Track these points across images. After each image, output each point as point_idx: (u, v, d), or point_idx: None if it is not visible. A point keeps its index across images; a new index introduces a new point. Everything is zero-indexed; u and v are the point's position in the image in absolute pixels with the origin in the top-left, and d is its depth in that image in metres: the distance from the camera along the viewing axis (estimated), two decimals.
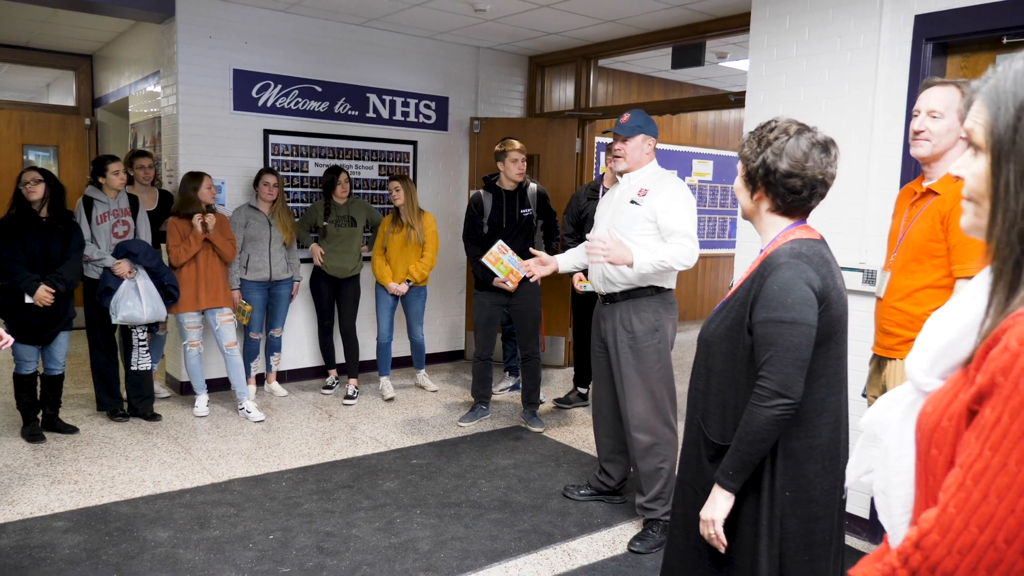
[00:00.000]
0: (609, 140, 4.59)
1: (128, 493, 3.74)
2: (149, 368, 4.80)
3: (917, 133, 2.45)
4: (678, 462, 2.09)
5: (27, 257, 4.11)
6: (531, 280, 3.60)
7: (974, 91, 0.93)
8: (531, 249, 3.69)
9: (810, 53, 3.59)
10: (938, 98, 2.43)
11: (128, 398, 4.86)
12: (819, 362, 1.83)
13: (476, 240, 4.73)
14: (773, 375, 1.76)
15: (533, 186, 4.72)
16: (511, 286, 4.48)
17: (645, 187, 3.28)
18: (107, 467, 4.06)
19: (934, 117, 2.42)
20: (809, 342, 1.77)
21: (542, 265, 3.50)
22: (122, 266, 4.48)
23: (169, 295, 4.62)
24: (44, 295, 4.10)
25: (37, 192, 4.12)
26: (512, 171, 4.60)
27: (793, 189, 1.82)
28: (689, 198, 3.23)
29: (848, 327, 1.92)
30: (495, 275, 4.52)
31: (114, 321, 4.51)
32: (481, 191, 4.75)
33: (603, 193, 4.78)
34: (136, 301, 4.48)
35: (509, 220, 4.64)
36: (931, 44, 3.14)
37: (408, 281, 5.18)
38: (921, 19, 3.16)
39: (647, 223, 3.23)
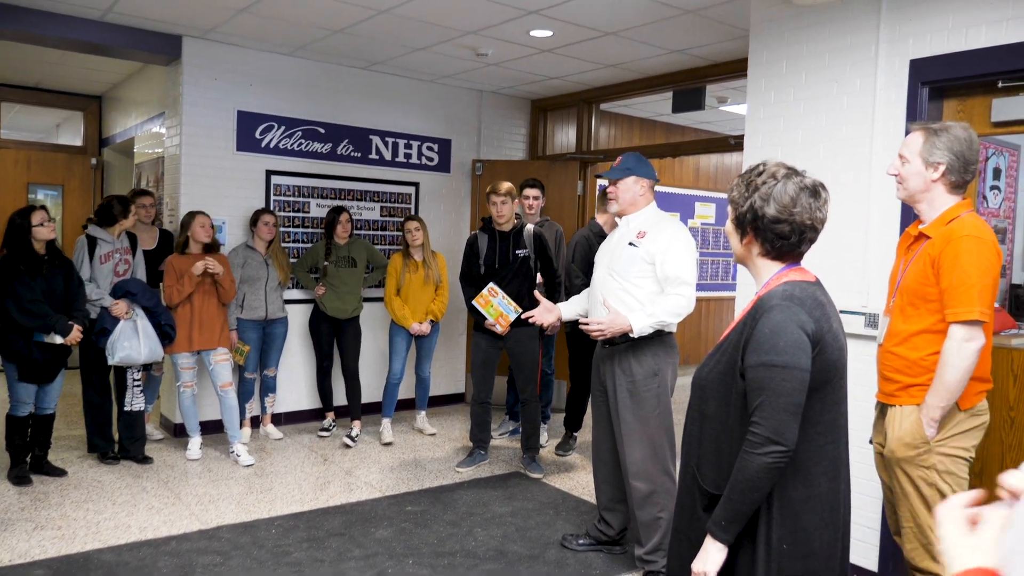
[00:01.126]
0: (605, 183, 4.57)
1: (113, 540, 3.65)
2: (143, 409, 4.75)
3: (894, 176, 2.48)
4: (674, 512, 2.03)
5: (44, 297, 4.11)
6: (529, 322, 3.57)
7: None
8: (536, 293, 3.66)
9: (807, 97, 3.61)
10: (906, 142, 2.44)
11: (120, 439, 4.81)
12: (815, 408, 1.78)
13: (472, 280, 4.72)
14: (765, 421, 1.71)
15: (529, 227, 4.70)
16: (500, 329, 4.44)
17: (644, 229, 3.27)
18: (93, 512, 3.99)
19: (903, 161, 2.43)
20: (802, 387, 1.73)
21: (547, 312, 3.47)
22: (120, 306, 4.47)
23: (166, 335, 4.59)
24: (77, 335, 4.12)
25: (51, 232, 4.14)
26: (495, 213, 4.60)
27: (781, 234, 1.80)
28: (688, 242, 3.21)
29: (847, 372, 1.87)
30: (485, 318, 4.49)
31: (111, 362, 4.47)
32: (478, 232, 4.76)
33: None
34: (134, 341, 4.45)
35: (503, 261, 4.62)
36: (927, 88, 3.15)
37: (431, 321, 5.23)
38: (916, 64, 3.17)
39: (645, 265, 3.20)
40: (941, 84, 3.11)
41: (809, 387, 1.74)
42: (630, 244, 3.25)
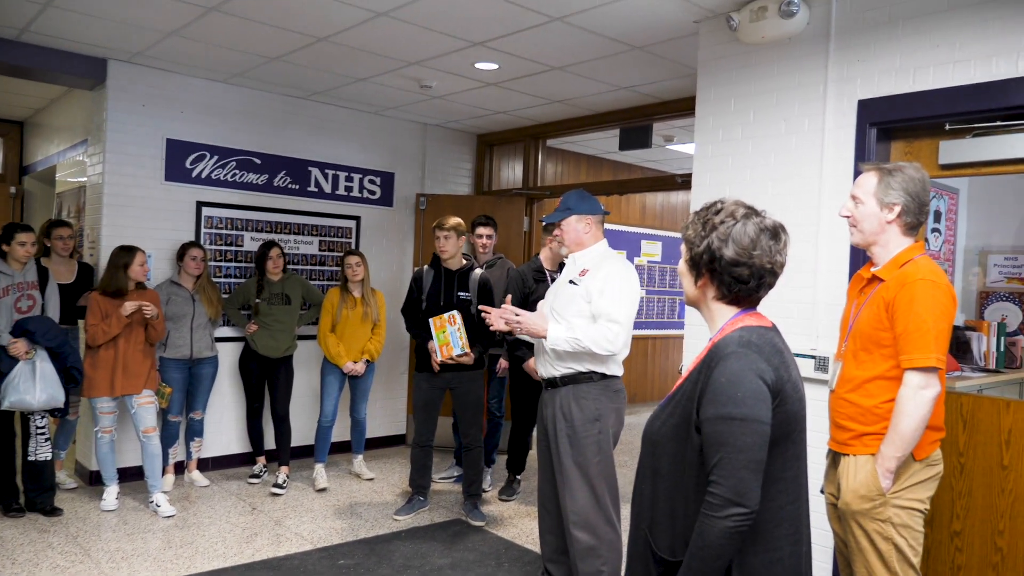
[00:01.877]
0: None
1: None
2: (48, 458, 4.40)
3: (846, 219, 2.44)
4: None
5: None
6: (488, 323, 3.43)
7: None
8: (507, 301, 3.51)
9: (755, 136, 3.59)
10: (858, 182, 2.40)
11: (25, 490, 4.44)
12: (775, 464, 1.68)
13: (413, 313, 4.64)
14: (724, 480, 1.60)
15: (477, 272, 4.61)
16: (436, 358, 4.33)
17: (587, 267, 3.24)
18: None
19: (856, 202, 2.40)
20: (763, 441, 1.63)
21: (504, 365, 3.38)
22: (18, 346, 4.15)
23: (72, 378, 4.27)
24: None
25: None
26: (438, 247, 4.51)
27: (740, 278, 1.71)
28: (627, 280, 3.16)
29: (807, 422, 1.77)
30: (429, 339, 4.39)
31: (2, 407, 4.13)
32: (426, 267, 4.68)
33: (549, 275, 4.75)
34: (29, 385, 4.12)
35: (447, 300, 4.51)
36: (875, 129, 3.14)
37: (366, 360, 5.15)
38: (864, 104, 3.17)
39: (583, 303, 3.16)
40: (889, 125, 3.11)
41: (769, 441, 1.63)
42: (570, 282, 3.24)
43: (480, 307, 3.47)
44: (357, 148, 6.14)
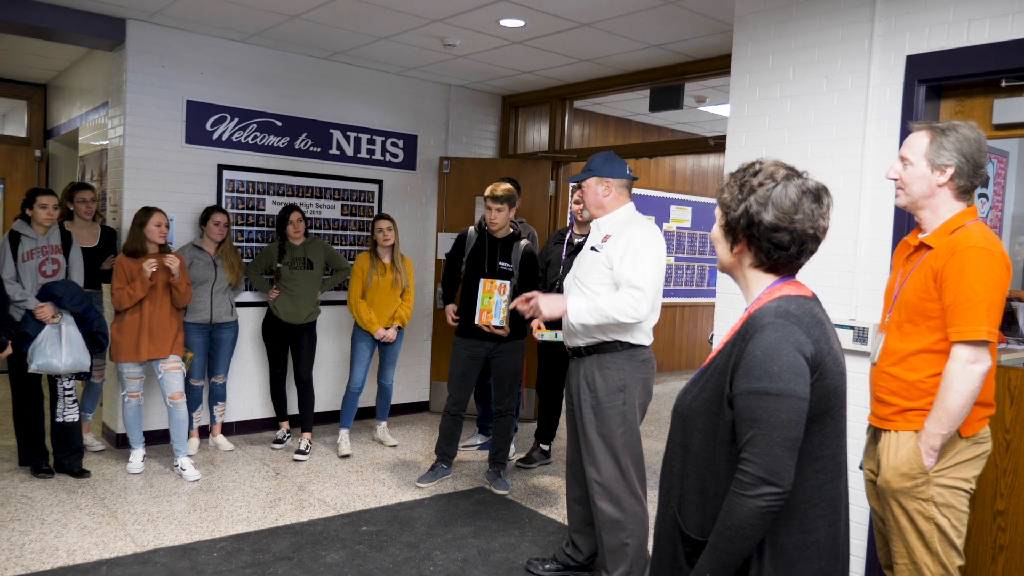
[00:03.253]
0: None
1: (36, 565, 3.36)
2: (76, 420, 4.44)
3: (893, 181, 2.30)
4: (651, 561, 1.82)
5: None
6: (501, 333, 3.41)
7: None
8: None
9: (795, 94, 3.46)
10: (908, 143, 2.26)
11: (54, 452, 4.50)
12: (813, 442, 1.61)
13: (452, 280, 4.74)
14: (757, 458, 1.54)
15: (523, 243, 4.56)
16: (476, 320, 4.33)
17: (610, 233, 3.17)
18: (19, 533, 3.68)
19: (905, 163, 2.25)
20: (800, 418, 1.56)
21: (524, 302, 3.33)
22: (45, 310, 4.16)
23: (97, 343, 4.28)
24: (7, 350, 3.86)
25: None
26: (488, 218, 4.49)
27: (780, 244, 1.63)
28: (650, 244, 3.08)
29: (847, 397, 1.68)
30: (476, 300, 4.42)
31: (29, 369, 4.17)
32: (472, 229, 4.70)
33: (572, 238, 4.73)
34: (56, 348, 4.14)
35: (491, 267, 4.51)
36: (924, 87, 2.98)
37: (397, 327, 5.18)
38: (913, 60, 3.00)
39: (604, 270, 3.11)
40: (939, 82, 2.95)
41: (807, 418, 1.56)
42: (593, 248, 3.18)
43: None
44: (380, 110, 6.07)
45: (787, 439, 1.53)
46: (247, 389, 5.58)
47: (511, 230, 4.57)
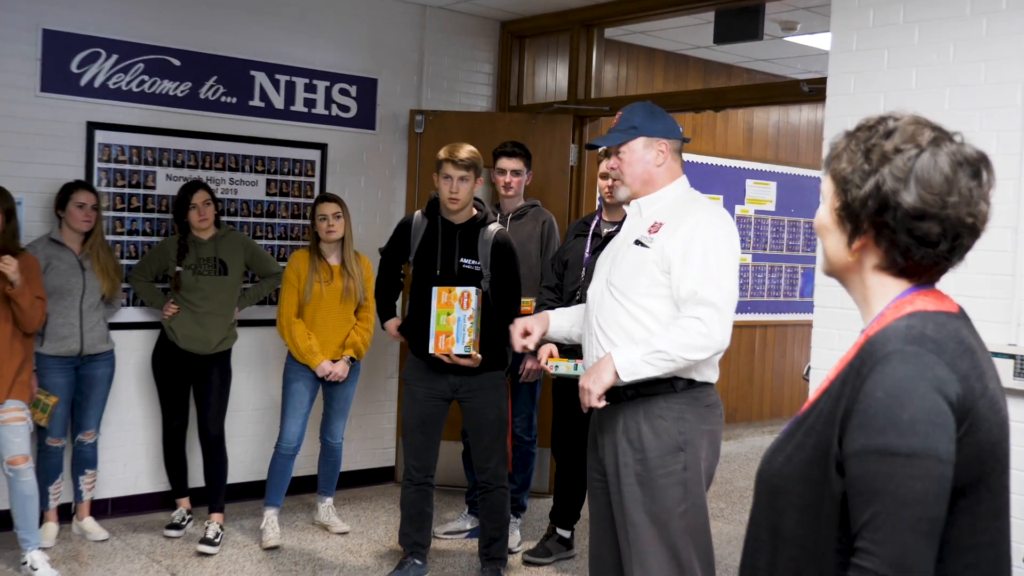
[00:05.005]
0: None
1: None
2: None
3: None
4: None
5: None
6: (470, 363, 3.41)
7: None
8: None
9: (925, 18, 3.52)
10: None
11: None
12: (961, 525, 1.63)
13: (390, 288, 4.80)
14: (880, 548, 1.55)
15: (493, 228, 4.56)
16: (432, 349, 4.36)
17: (660, 219, 3.19)
18: None
19: None
20: (941, 489, 1.58)
21: (525, 328, 3.38)
22: None
23: None
24: None
25: None
26: (445, 192, 4.49)
27: (925, 238, 1.65)
28: (727, 238, 3.15)
29: (1009, 458, 1.72)
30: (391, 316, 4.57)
31: None
32: (418, 214, 4.71)
33: (600, 228, 4.79)
34: None
35: (444, 267, 4.51)
36: None
37: (350, 358, 5.26)
38: None
39: (657, 274, 3.12)
40: None
41: (952, 489, 1.59)
42: (637, 243, 3.19)
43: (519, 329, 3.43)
44: (323, 43, 6.11)
45: (923, 519, 1.54)
46: (129, 450, 5.60)
47: (475, 212, 4.61)
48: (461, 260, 4.52)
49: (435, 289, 4.36)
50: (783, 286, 8.99)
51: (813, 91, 5.09)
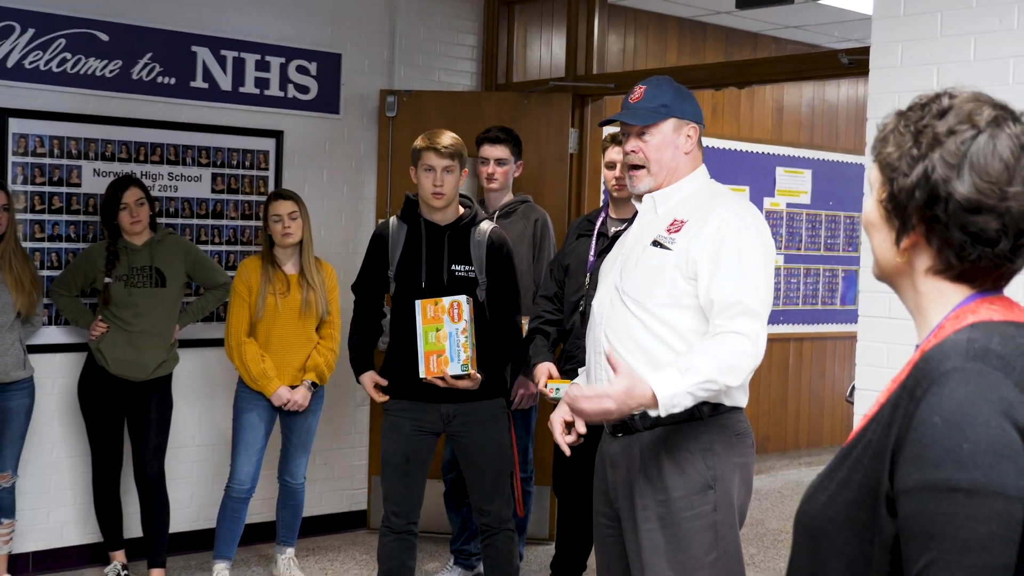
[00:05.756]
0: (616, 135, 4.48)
1: None
2: None
3: None
4: None
5: None
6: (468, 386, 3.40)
7: None
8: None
9: None
10: None
11: None
12: None
13: (370, 313, 4.69)
14: None
15: (485, 228, 4.57)
16: (423, 373, 4.35)
17: (682, 216, 3.19)
18: None
19: None
20: (1008, 532, 1.58)
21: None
22: None
23: None
24: None
25: None
26: (426, 187, 4.46)
27: (981, 234, 1.65)
28: (761, 236, 3.18)
29: None
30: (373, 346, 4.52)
31: None
32: (394, 220, 4.67)
33: (607, 227, 4.78)
34: None
35: (431, 276, 4.49)
36: None
37: (311, 383, 5.28)
38: None
39: (681, 282, 3.11)
40: None
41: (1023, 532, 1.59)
42: (655, 244, 3.19)
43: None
44: (277, 12, 6.14)
45: (987, 569, 1.53)
46: (53, 496, 5.60)
47: (461, 210, 4.60)
48: (452, 267, 4.52)
49: (418, 303, 4.34)
50: (821, 292, 9.00)
51: (853, 63, 5.10)
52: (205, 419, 5.99)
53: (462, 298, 4.31)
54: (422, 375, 4.33)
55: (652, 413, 2.96)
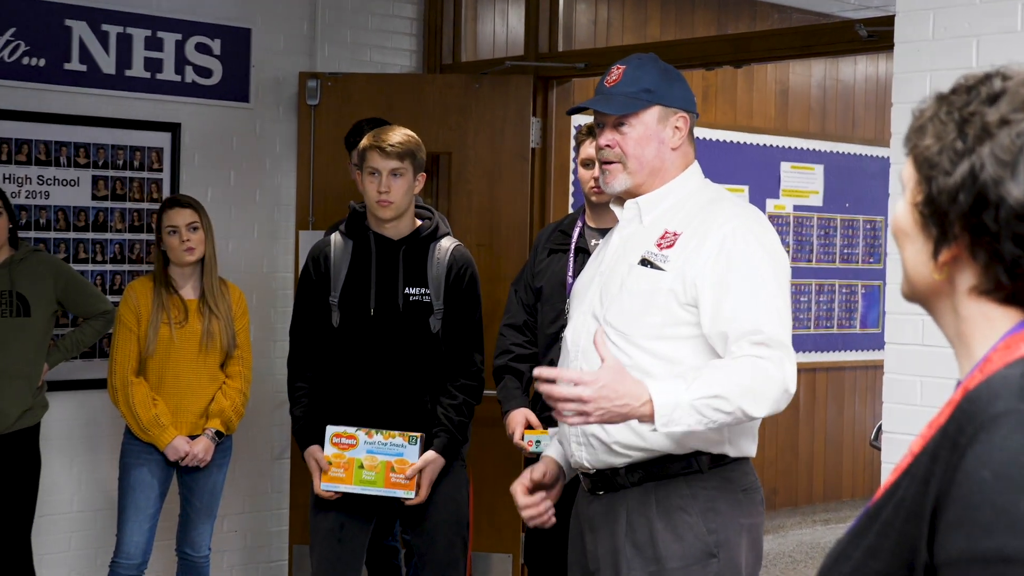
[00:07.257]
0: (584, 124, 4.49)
1: None
2: None
3: None
4: None
5: None
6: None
7: None
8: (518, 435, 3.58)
9: None
10: None
11: None
12: None
13: (305, 347, 4.63)
14: None
15: (447, 244, 4.61)
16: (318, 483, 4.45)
17: (674, 227, 3.19)
18: None
19: None
20: None
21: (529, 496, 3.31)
22: None
23: None
24: None
25: None
26: (370, 194, 4.46)
27: None
28: (772, 248, 3.22)
29: None
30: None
31: None
32: (336, 236, 4.69)
33: (586, 239, 4.79)
34: None
35: (382, 302, 4.50)
36: None
37: (215, 432, 5.29)
38: None
39: (677, 310, 3.12)
40: None
41: None
42: (643, 263, 3.19)
43: (537, 374, 3.39)
44: None
45: None
46: None
47: (418, 222, 4.62)
48: (407, 288, 4.53)
49: (329, 430, 4.42)
50: (837, 312, 9.07)
51: (874, 36, 5.14)
52: (85, 479, 5.96)
53: (420, 436, 4.42)
54: (320, 487, 4.47)
55: (647, 428, 2.93)
